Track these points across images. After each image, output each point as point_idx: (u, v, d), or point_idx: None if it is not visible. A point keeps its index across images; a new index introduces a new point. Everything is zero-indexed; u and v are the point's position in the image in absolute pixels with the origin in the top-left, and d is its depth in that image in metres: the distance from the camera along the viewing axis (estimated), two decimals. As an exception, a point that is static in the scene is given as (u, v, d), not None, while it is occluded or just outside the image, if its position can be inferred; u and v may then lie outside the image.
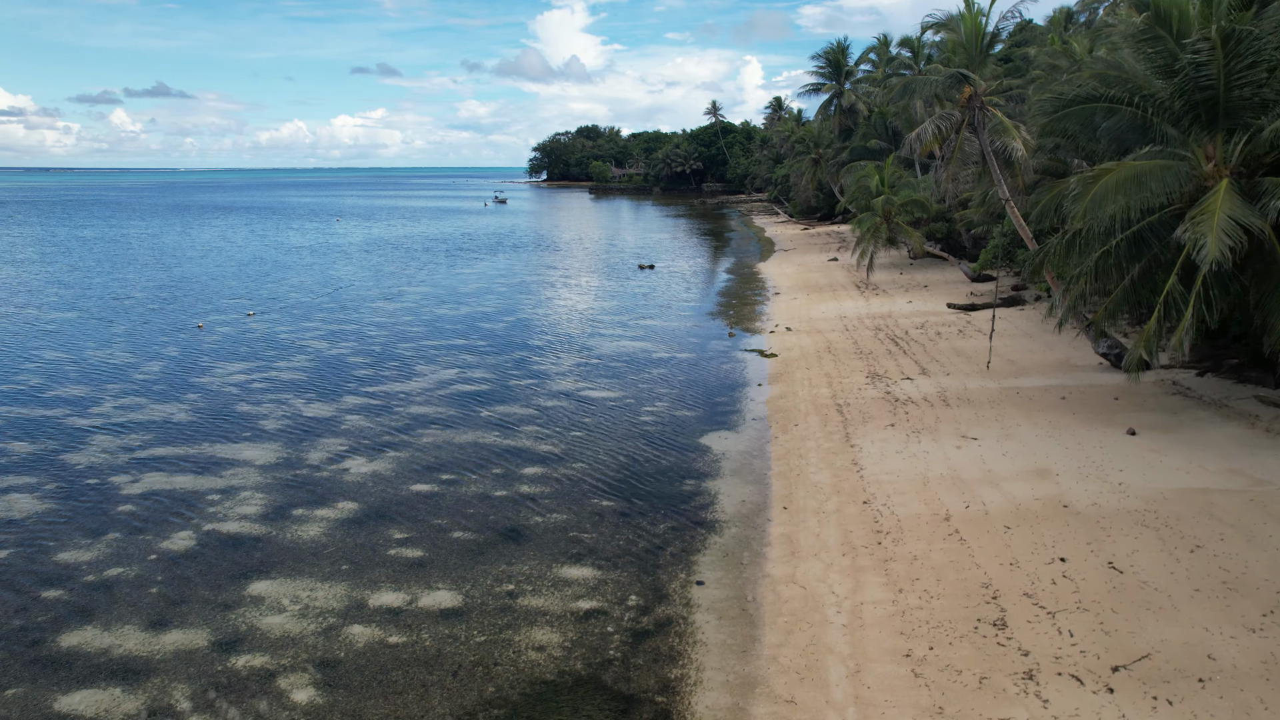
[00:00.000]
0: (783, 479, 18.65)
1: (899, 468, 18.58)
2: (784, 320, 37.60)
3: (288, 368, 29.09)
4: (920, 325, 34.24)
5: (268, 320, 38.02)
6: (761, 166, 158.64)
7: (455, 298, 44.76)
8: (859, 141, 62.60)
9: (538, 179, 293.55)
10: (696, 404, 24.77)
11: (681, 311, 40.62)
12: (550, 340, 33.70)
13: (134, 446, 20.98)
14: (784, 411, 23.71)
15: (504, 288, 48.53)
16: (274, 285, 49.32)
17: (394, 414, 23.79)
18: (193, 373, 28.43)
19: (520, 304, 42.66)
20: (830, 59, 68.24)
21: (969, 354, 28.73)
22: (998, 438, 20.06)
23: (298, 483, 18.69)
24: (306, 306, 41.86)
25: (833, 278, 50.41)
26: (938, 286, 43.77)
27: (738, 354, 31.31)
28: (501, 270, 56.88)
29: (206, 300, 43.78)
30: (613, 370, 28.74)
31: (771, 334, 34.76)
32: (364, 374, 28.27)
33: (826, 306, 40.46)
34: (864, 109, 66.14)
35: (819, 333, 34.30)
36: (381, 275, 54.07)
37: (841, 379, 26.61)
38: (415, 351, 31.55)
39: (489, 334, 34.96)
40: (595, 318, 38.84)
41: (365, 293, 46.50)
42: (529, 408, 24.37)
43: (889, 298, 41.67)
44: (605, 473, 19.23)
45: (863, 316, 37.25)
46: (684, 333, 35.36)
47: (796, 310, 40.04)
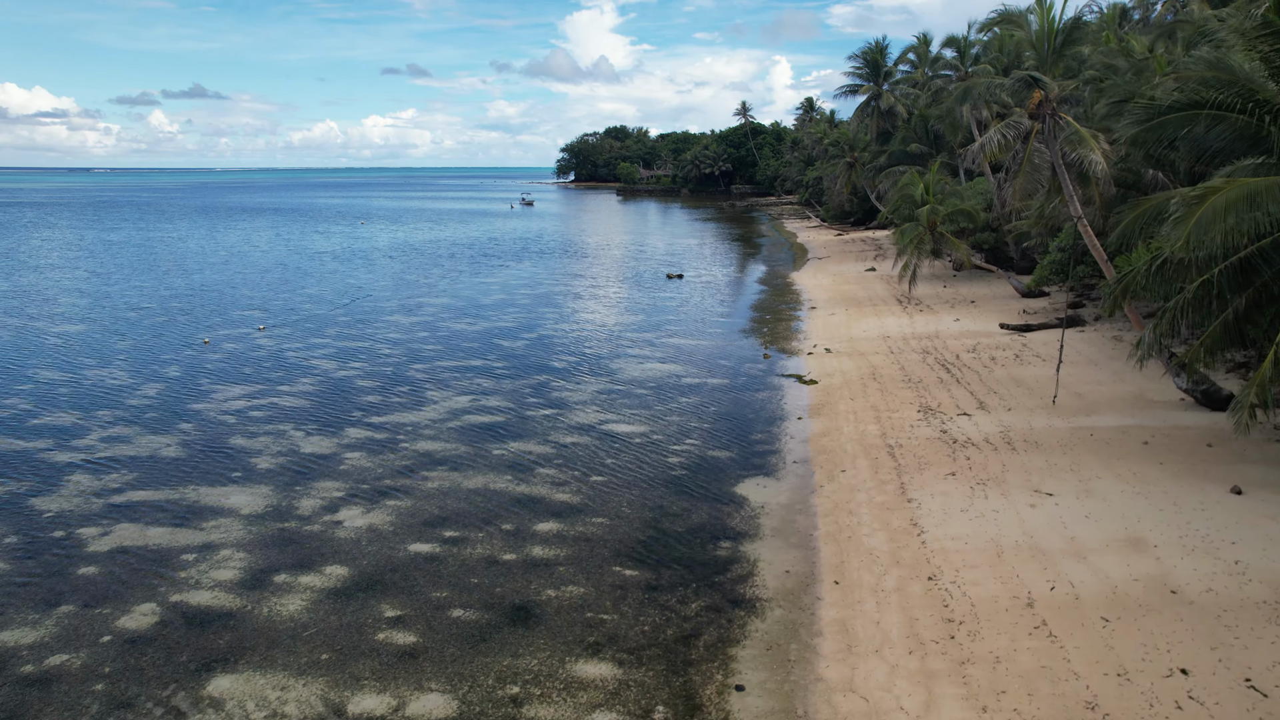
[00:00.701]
0: (832, 542, 16.31)
1: (966, 531, 16.16)
2: (822, 339, 35.16)
3: (290, 392, 27.21)
4: (972, 348, 31.64)
5: (277, 335, 36.28)
6: (792, 168, 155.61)
7: (475, 310, 42.82)
8: (898, 145, 59.86)
9: (565, 180, 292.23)
10: (731, 442, 22.47)
11: (712, 328, 38.31)
12: (572, 362, 31.56)
13: (112, 489, 19.12)
14: (828, 453, 21.34)
15: (526, 299, 46.53)
16: (290, 295, 47.73)
17: (399, 451, 21.75)
18: (190, 397, 26.64)
19: (542, 318, 40.59)
20: (868, 59, 65.51)
21: (1029, 384, 26.14)
22: (1076, 493, 17.56)
23: (284, 539, 16.68)
24: (320, 320, 40.12)
25: (872, 290, 47.80)
26: (986, 302, 41.05)
27: (774, 380, 28.95)
28: (525, 279, 54.91)
29: (219, 312, 42.22)
30: (639, 399, 26.52)
31: (810, 355, 32.36)
32: (371, 400, 26.31)
33: (867, 324, 37.94)
34: (903, 111, 63.37)
35: (861, 355, 31.83)
36: (402, 284, 52.32)
37: (890, 413, 24.17)
38: (428, 374, 29.56)
39: (508, 354, 32.90)
40: (621, 335, 36.65)
41: (383, 304, 44.72)
42: (546, 444, 22.22)
43: (934, 314, 39.04)
44: (629, 531, 17.02)
45: (907, 336, 34.70)
46: (715, 353, 33.06)
47: (835, 328, 37.56)
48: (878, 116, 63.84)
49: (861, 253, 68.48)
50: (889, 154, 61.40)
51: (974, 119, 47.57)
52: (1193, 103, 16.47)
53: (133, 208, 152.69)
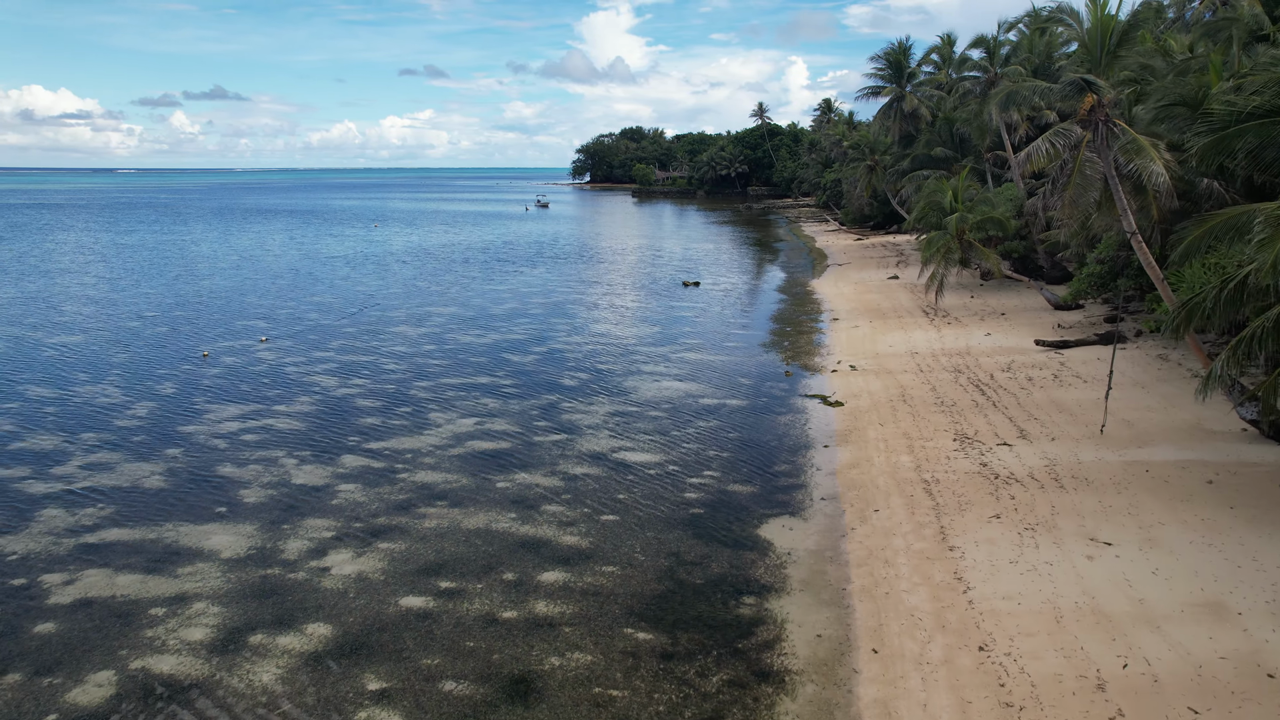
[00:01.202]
0: (867, 599, 14.69)
1: (1018, 588, 14.50)
2: (847, 355, 33.47)
3: (287, 413, 25.83)
4: (1006, 366, 29.86)
5: (279, 348, 34.98)
6: (810, 170, 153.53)
7: (485, 321, 41.40)
8: (922, 149, 57.99)
9: (581, 181, 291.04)
10: (752, 474, 20.86)
11: (730, 341, 36.69)
12: (584, 379, 30.03)
13: (85, 526, 17.76)
14: (859, 488, 19.70)
15: (539, 308, 45.07)
16: (297, 303, 46.50)
17: (396, 482, 20.29)
18: (181, 418, 25.31)
19: (554, 330, 39.11)
20: (890, 60, 63.62)
21: (1072, 409, 24.38)
22: (1139, 543, 15.85)
23: (265, 588, 15.24)
24: (325, 330, 38.81)
25: (896, 300, 46.01)
26: (1017, 315, 39.20)
27: (797, 401, 27.31)
28: (538, 286, 53.48)
29: (224, 321, 41.02)
30: (654, 422, 24.95)
31: (834, 373, 30.68)
32: (371, 423, 24.88)
33: (893, 338, 36.19)
34: (927, 114, 61.44)
35: (889, 373, 30.12)
36: (412, 292, 51.01)
37: (924, 441, 22.48)
38: (432, 393, 28.12)
39: (517, 370, 31.42)
40: (635, 349, 35.10)
41: (391, 313, 43.38)
42: (554, 476, 20.69)
43: (963, 328, 37.24)
44: (643, 582, 15.46)
45: (937, 353, 32.95)
46: (734, 370, 31.44)
47: (860, 342, 35.85)
48: (900, 119, 61.96)
49: (883, 259, 66.62)
50: (912, 158, 59.53)
51: (1003, 122, 45.70)
52: (1275, 109, 14.73)
53: (150, 209, 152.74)
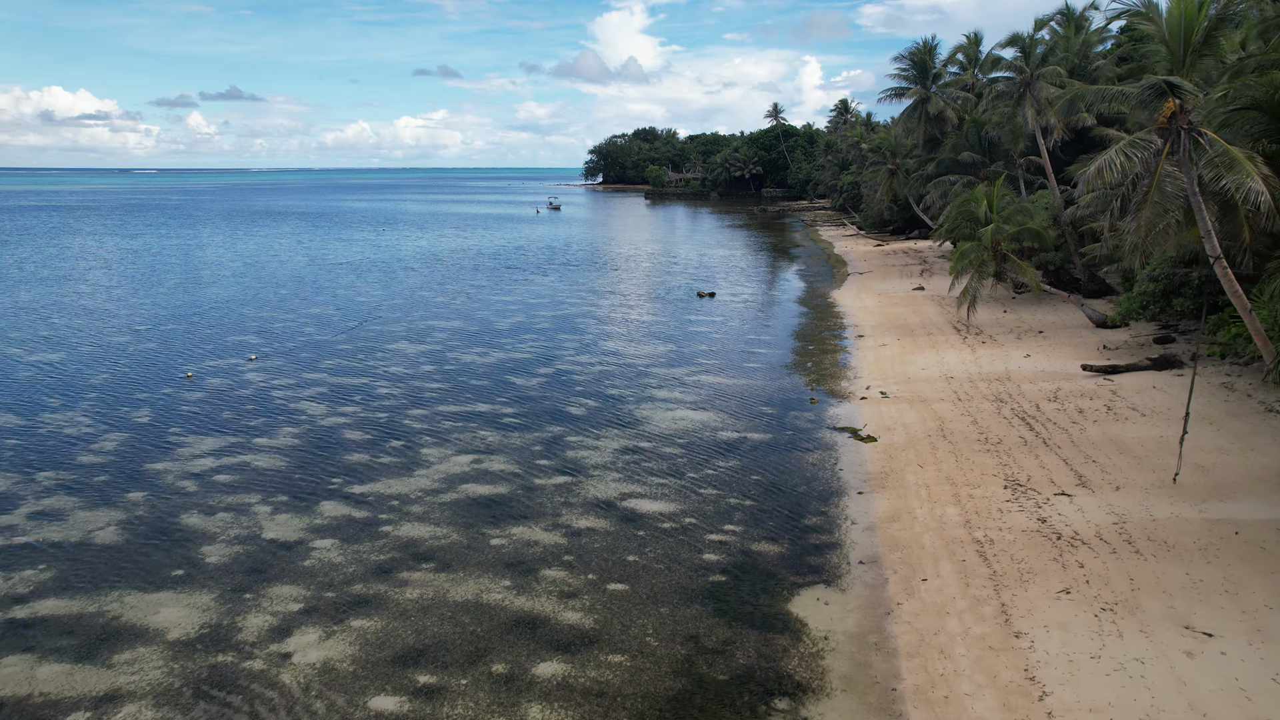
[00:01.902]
0: (923, 705, 12.31)
1: (1106, 696, 12.09)
2: (876, 378, 31.04)
3: (267, 448, 23.66)
4: (1053, 395, 27.37)
5: (269, 368, 32.89)
6: (825, 172, 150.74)
7: (489, 336, 39.20)
8: (948, 153, 55.40)
9: (593, 182, 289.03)
10: (780, 528, 18.51)
11: (750, 361, 34.31)
12: (592, 407, 27.75)
13: (18, 595, 15.60)
14: (902, 549, 17.31)
15: (546, 322, 42.84)
16: (295, 315, 44.47)
17: (378, 537, 18.06)
18: (152, 453, 23.19)
19: (561, 347, 36.84)
20: (915, 60, 60.98)
21: (1134, 450, 21.88)
22: (1246, 634, 13.40)
23: (212, 682, 13.02)
24: (319, 347, 36.71)
25: (923, 314, 43.51)
26: (1056, 333, 36.63)
27: (825, 435, 24.92)
28: (547, 296, 51.27)
29: (216, 336, 39.00)
30: (668, 461, 22.63)
31: (863, 400, 28.28)
32: (357, 461, 22.67)
33: (925, 359, 33.72)
34: (953, 116, 58.80)
35: (923, 402, 27.68)
36: (415, 303, 48.89)
37: (971, 489, 20.06)
38: (427, 424, 25.89)
39: (520, 395, 29.17)
40: (648, 370, 32.79)
41: (391, 327, 41.25)
42: (556, 530, 18.41)
43: (1000, 348, 34.72)
44: (655, 678, 13.14)
45: (974, 377, 30.47)
46: (754, 396, 29.08)
47: (889, 363, 33.40)
48: (925, 122, 59.34)
49: (905, 267, 64.05)
50: (937, 162, 56.94)
51: (1038, 126, 43.11)
52: None
53: (160, 211, 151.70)
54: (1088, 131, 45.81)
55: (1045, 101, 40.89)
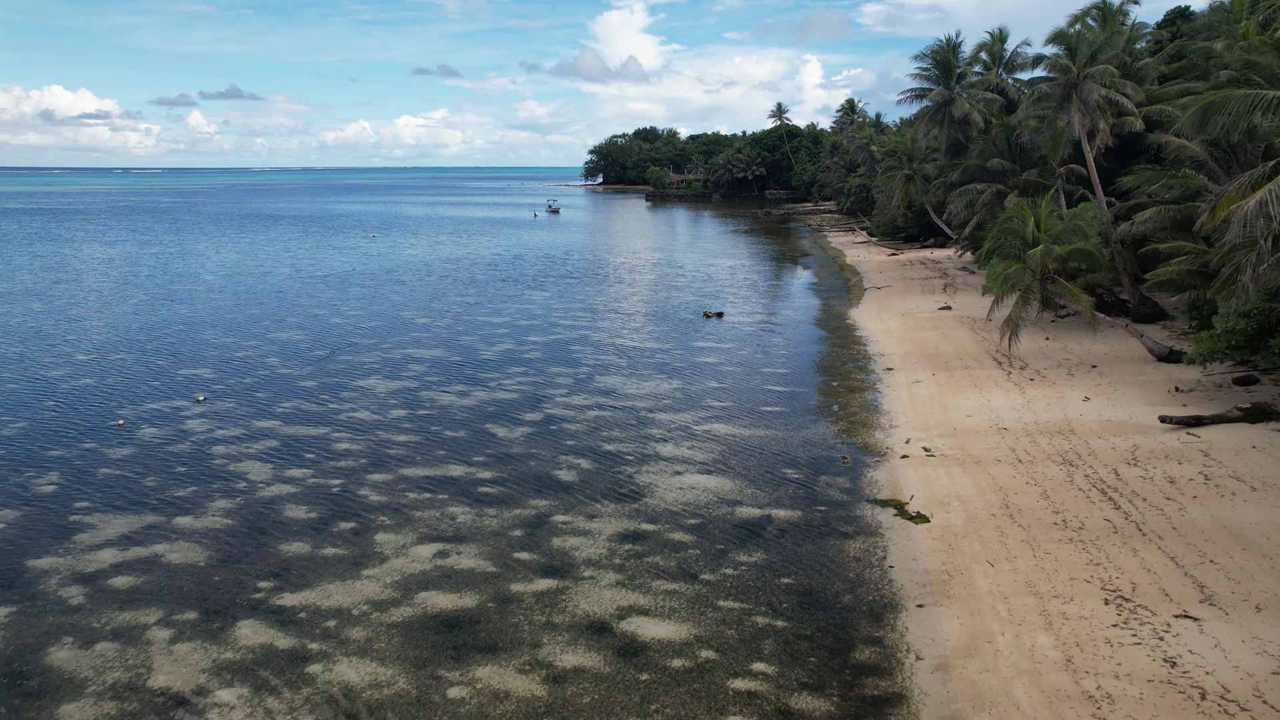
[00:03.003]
0: None
1: None
2: (916, 427, 26.84)
3: (189, 532, 19.43)
4: (1130, 456, 23.12)
5: (216, 413, 28.68)
6: (832, 174, 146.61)
7: (472, 370, 34.97)
8: (975, 160, 51.11)
9: (594, 182, 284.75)
10: (823, 667, 14.28)
11: (767, 403, 30.09)
12: (586, 472, 23.49)
13: None
14: (990, 708, 13.07)
15: (537, 351, 38.61)
16: (260, 342, 40.27)
17: (300, 687, 13.81)
18: (40, 543, 18.96)
19: (553, 385, 32.61)
20: (938, 59, 56.63)
21: (1256, 541, 17.64)
22: None
23: None
24: (280, 385, 32.49)
25: (956, 342, 39.26)
26: (1113, 369, 32.38)
27: (865, 511, 20.69)
28: (540, 316, 47.05)
29: (166, 370, 34.80)
30: (678, 555, 18.39)
31: (905, 460, 24.06)
32: (294, 554, 18.44)
33: (968, 401, 29.48)
34: (979, 120, 54.51)
35: (976, 463, 23.44)
36: (394, 326, 44.68)
37: (1061, 601, 15.83)
38: (387, 496, 21.63)
39: (500, 453, 24.93)
40: (651, 417, 28.56)
41: (363, 358, 37.03)
42: (533, 674, 14.15)
43: (1052, 388, 30.47)
44: None
45: (1030, 428, 26.23)
46: (776, 453, 24.84)
47: (928, 407, 29.16)
48: (949, 125, 55.07)
49: (926, 281, 59.82)
50: (963, 169, 52.64)
51: (1084, 131, 38.85)
52: None
53: (149, 215, 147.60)
54: (1137, 138, 41.59)
55: (1095, 104, 36.59)
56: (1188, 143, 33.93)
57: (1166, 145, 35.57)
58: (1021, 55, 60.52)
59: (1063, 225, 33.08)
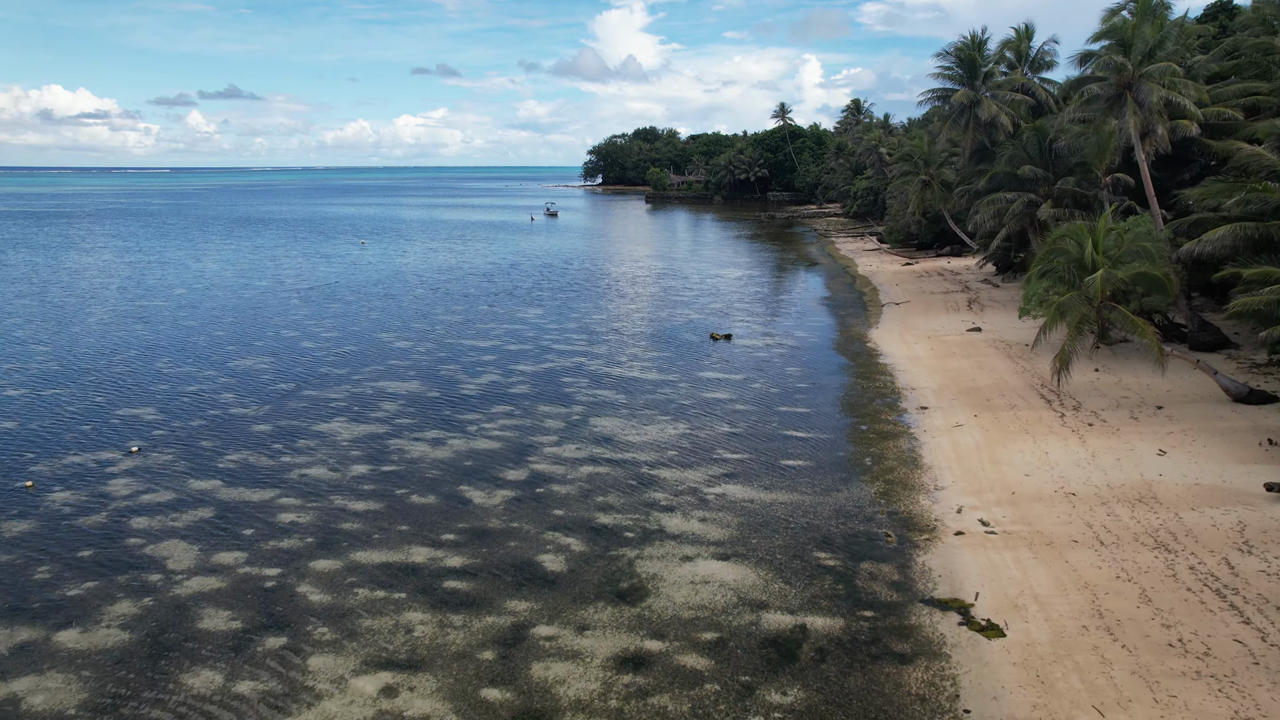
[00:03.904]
0: None
1: None
2: (966, 489, 22.79)
3: (67, 656, 15.34)
4: (1239, 539, 19.04)
5: (147, 469, 24.61)
6: (837, 176, 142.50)
7: (451, 410, 30.91)
8: (1004, 167, 47.00)
9: (593, 183, 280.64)
10: None
11: (788, 454, 26.01)
12: (575, 557, 19.41)
13: None
14: None
15: (526, 384, 34.55)
16: (218, 372, 36.21)
17: None
18: (-115, 672, 14.91)
19: (541, 430, 28.54)
20: (962, 57, 52.46)
21: None
22: None
23: None
24: (228, 430, 28.43)
25: (993, 371, 35.17)
26: (1182, 411, 28.30)
27: (922, 617, 16.62)
28: (532, 339, 43.01)
29: (104, 409, 30.77)
30: (689, 694, 14.29)
31: (959, 536, 20.02)
32: (199, 691, 14.34)
33: (1022, 453, 25.39)
34: (1007, 123, 50.40)
35: (1048, 544, 19.37)
36: (371, 352, 40.62)
37: (1211, 785, 11.77)
38: (330, 597, 17.53)
39: (474, 530, 20.85)
40: (654, 475, 24.48)
41: (329, 394, 32.95)
42: None
43: (1116, 435, 26.40)
44: None
45: (1102, 492, 22.15)
46: (805, 529, 20.77)
47: (975, 459, 25.09)
48: (974, 128, 50.99)
49: (947, 295, 55.75)
50: (990, 176, 48.56)
51: (1138, 137, 34.76)
52: None
53: (136, 218, 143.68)
54: (1188, 143, 37.47)
55: (1153, 107, 32.51)
56: (1263, 151, 29.91)
57: (1235, 153, 31.50)
58: (1048, 53, 56.42)
59: (1126, 246, 29.00)
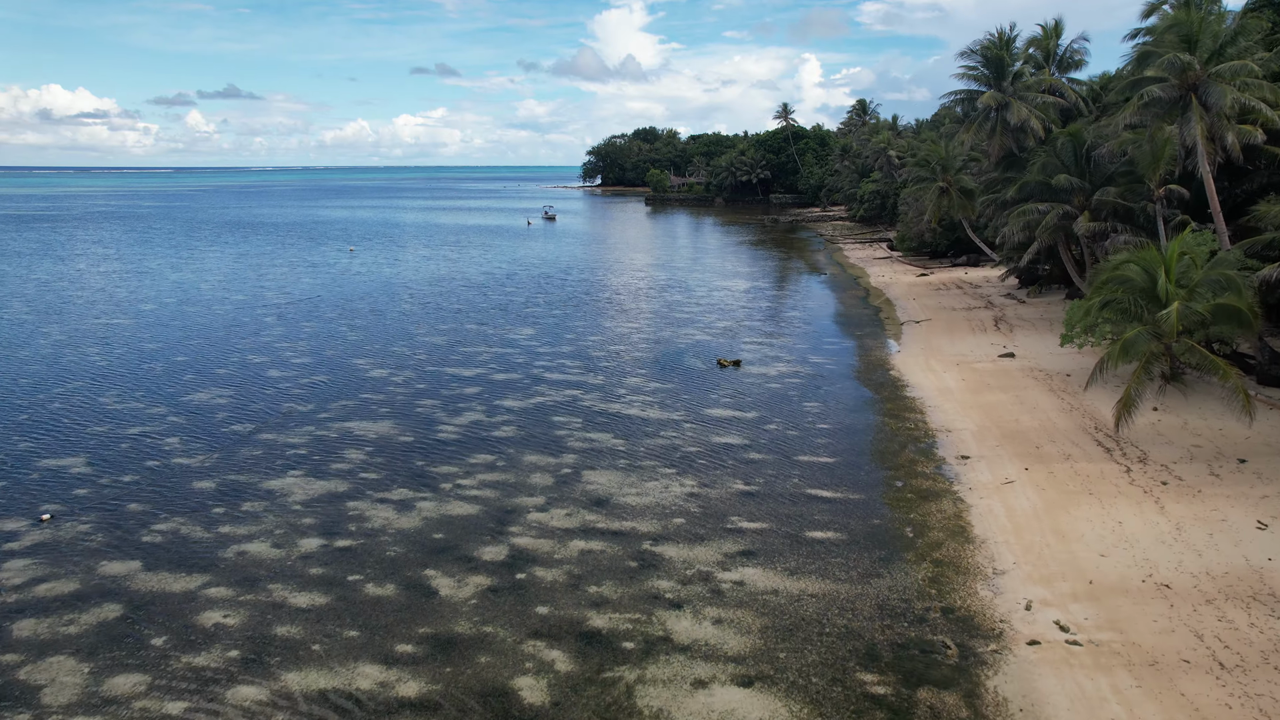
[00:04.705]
0: None
1: None
2: (1031, 574, 18.92)
3: None
4: (1393, 659, 15.18)
5: (51, 547, 20.72)
6: (842, 179, 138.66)
7: (423, 463, 27.07)
8: (1036, 176, 43.18)
9: (592, 184, 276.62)
10: None
11: (813, 521, 22.13)
12: (561, 681, 15.49)
13: None
14: None
15: (511, 426, 30.71)
16: (166, 409, 32.38)
17: None
18: None
19: (525, 490, 24.66)
20: (988, 56, 48.55)
21: None
22: None
23: None
24: (163, 490, 24.56)
25: (1037, 409, 31.26)
26: (1271, 465, 24.42)
27: (1010, 788, 12.76)
28: (521, 368, 39.16)
29: (24, 462, 26.94)
30: None
31: (1034, 647, 16.18)
32: None
33: (1090, 522, 21.50)
34: (1038, 127, 46.51)
35: (1152, 665, 15.49)
36: (339, 384, 36.78)
37: None
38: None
39: (435, 641, 16.95)
40: (658, 554, 20.60)
41: (288, 438, 29.12)
42: None
43: (1198, 498, 22.49)
44: None
45: (1201, 583, 18.28)
46: (842, 637, 16.90)
47: (1037, 531, 21.20)
48: (1002, 133, 47.12)
49: (970, 312, 51.88)
50: (1020, 185, 44.74)
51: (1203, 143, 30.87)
52: None
53: (121, 222, 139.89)
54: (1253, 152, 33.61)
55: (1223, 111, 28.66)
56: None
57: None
58: (1078, 51, 52.54)
59: (1199, 274, 25.15)
